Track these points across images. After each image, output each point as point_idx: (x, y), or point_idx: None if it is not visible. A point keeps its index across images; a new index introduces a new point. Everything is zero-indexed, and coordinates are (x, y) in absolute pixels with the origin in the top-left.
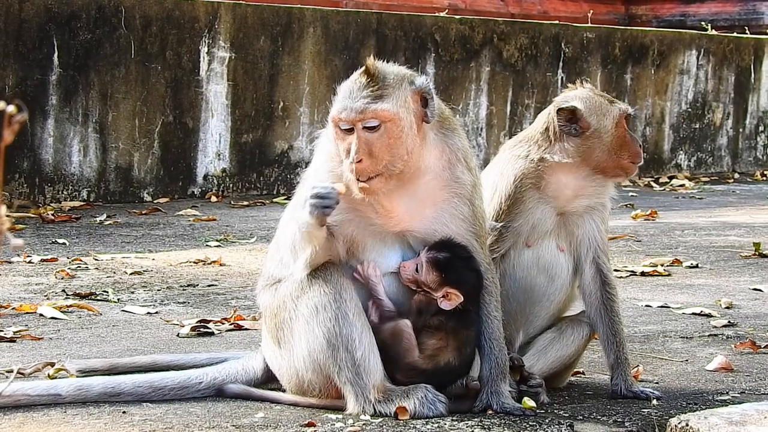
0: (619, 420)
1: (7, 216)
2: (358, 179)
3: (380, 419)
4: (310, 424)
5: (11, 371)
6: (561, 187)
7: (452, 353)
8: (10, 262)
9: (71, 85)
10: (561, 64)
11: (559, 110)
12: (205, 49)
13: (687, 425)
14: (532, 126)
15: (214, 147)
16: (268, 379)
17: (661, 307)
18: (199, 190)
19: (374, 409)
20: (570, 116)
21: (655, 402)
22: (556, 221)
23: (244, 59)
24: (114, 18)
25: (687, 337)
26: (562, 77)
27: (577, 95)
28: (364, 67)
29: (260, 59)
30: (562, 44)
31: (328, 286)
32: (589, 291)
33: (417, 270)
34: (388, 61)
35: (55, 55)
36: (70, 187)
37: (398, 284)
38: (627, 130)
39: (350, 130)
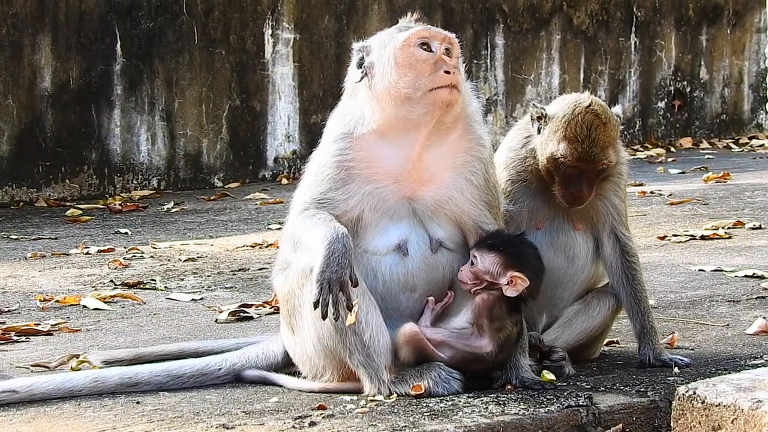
0: (642, 390)
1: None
2: (448, 85)
3: (393, 399)
4: (320, 407)
5: (37, 366)
6: (544, 182)
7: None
8: (67, 255)
9: (136, 75)
10: (633, 28)
11: (534, 107)
12: (269, 31)
13: (695, 393)
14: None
15: (283, 129)
16: (288, 363)
17: (715, 270)
18: (270, 173)
19: (389, 389)
20: (539, 116)
21: (677, 370)
22: (557, 206)
23: (309, 39)
24: (175, 5)
25: (734, 301)
26: (635, 42)
27: (565, 104)
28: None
29: (325, 39)
30: (634, 8)
31: None
32: (610, 262)
33: (473, 264)
34: (456, 35)
35: (118, 44)
36: (140, 177)
37: (400, 263)
38: (559, 173)
39: (428, 51)
